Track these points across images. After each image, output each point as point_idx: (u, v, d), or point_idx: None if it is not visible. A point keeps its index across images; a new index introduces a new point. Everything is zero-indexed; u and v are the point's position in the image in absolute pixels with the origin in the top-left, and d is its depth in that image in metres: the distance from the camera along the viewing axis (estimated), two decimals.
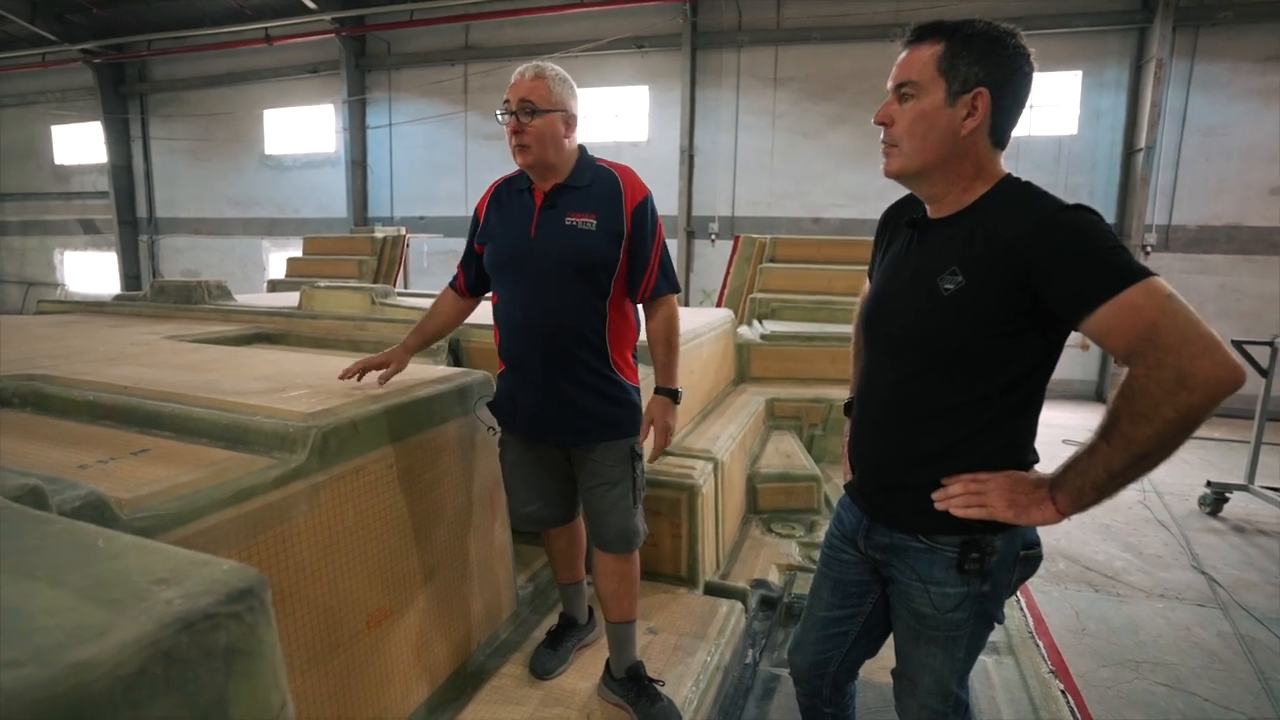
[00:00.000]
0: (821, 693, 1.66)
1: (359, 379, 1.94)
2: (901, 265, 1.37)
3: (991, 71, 1.20)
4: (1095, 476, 1.15)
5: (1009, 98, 1.23)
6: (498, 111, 1.82)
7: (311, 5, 11.03)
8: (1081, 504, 1.19)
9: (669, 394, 1.97)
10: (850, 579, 1.55)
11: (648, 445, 2.01)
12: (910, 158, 1.27)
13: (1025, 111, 1.28)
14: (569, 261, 1.79)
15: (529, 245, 1.82)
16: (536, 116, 1.75)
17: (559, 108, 1.78)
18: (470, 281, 2.04)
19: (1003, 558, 1.32)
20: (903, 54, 1.28)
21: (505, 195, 1.93)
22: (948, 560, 1.32)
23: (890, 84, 1.29)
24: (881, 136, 1.31)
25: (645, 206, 1.86)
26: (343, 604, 1.61)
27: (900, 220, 1.44)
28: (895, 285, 1.38)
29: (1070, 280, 1.13)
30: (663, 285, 1.93)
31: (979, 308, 1.22)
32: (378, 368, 1.95)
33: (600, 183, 1.85)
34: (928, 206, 1.35)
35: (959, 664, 1.41)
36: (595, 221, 1.80)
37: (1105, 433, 1.13)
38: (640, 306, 1.99)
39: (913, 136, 1.25)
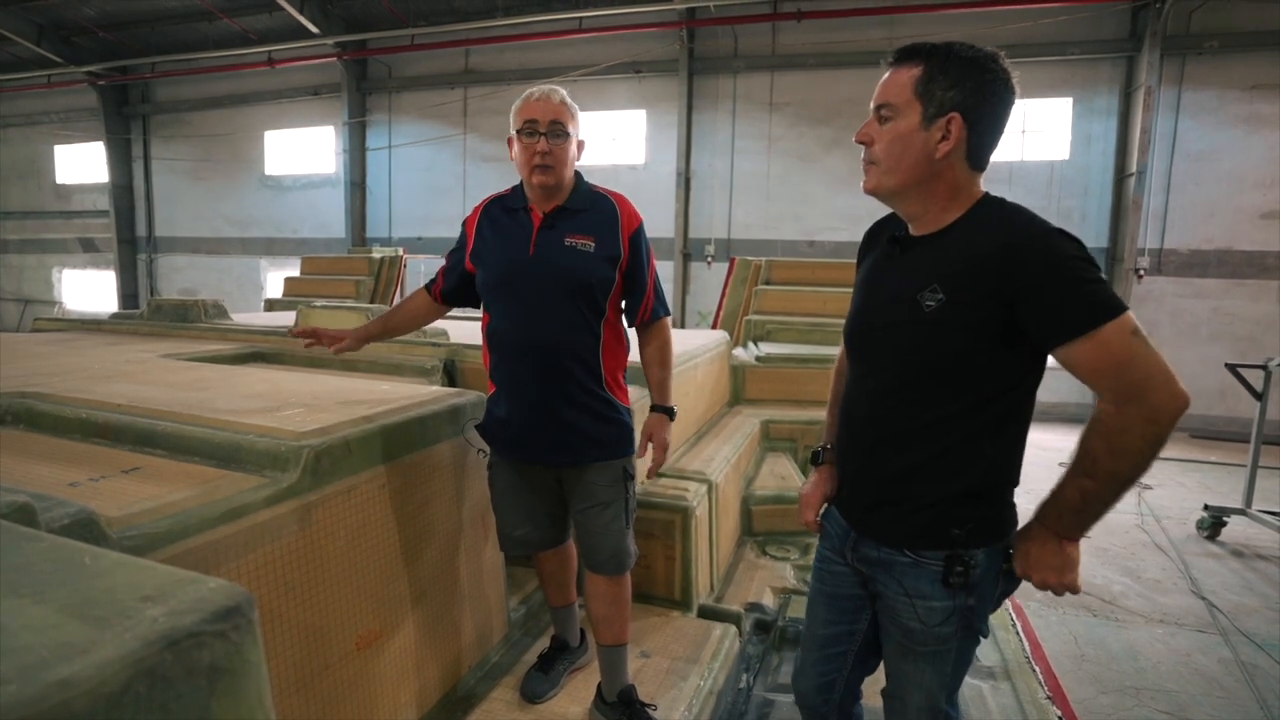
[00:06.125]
0: (828, 719, 1.64)
1: (308, 344, 2.04)
2: (883, 282, 1.40)
3: (967, 96, 1.22)
4: (1095, 511, 1.23)
5: (985, 122, 1.25)
6: (519, 130, 1.81)
7: (314, 29, 11.19)
8: (1087, 530, 1.27)
9: (666, 411, 2.01)
10: (844, 593, 1.55)
11: (644, 464, 2.01)
12: (886, 176, 1.30)
13: (1018, 136, 1.31)
14: (567, 281, 1.82)
15: (527, 263, 1.83)
16: (564, 139, 1.81)
17: (577, 132, 1.86)
18: (447, 290, 2.04)
19: (985, 570, 1.33)
20: (885, 75, 1.31)
21: (497, 213, 1.93)
22: (933, 574, 1.33)
23: (871, 104, 1.32)
24: (862, 155, 1.35)
25: (640, 233, 1.93)
26: (332, 625, 1.60)
27: (881, 237, 1.47)
28: (877, 301, 1.40)
29: (1049, 308, 1.17)
30: (659, 309, 2.00)
31: (959, 324, 1.24)
32: (332, 339, 2.03)
33: (597, 207, 1.90)
34: (909, 224, 1.37)
35: (948, 680, 1.42)
36: (593, 244, 1.84)
37: (1089, 469, 1.20)
38: (631, 329, 2.02)
39: (889, 156, 1.29)
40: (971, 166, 1.28)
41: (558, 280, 1.81)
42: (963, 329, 1.24)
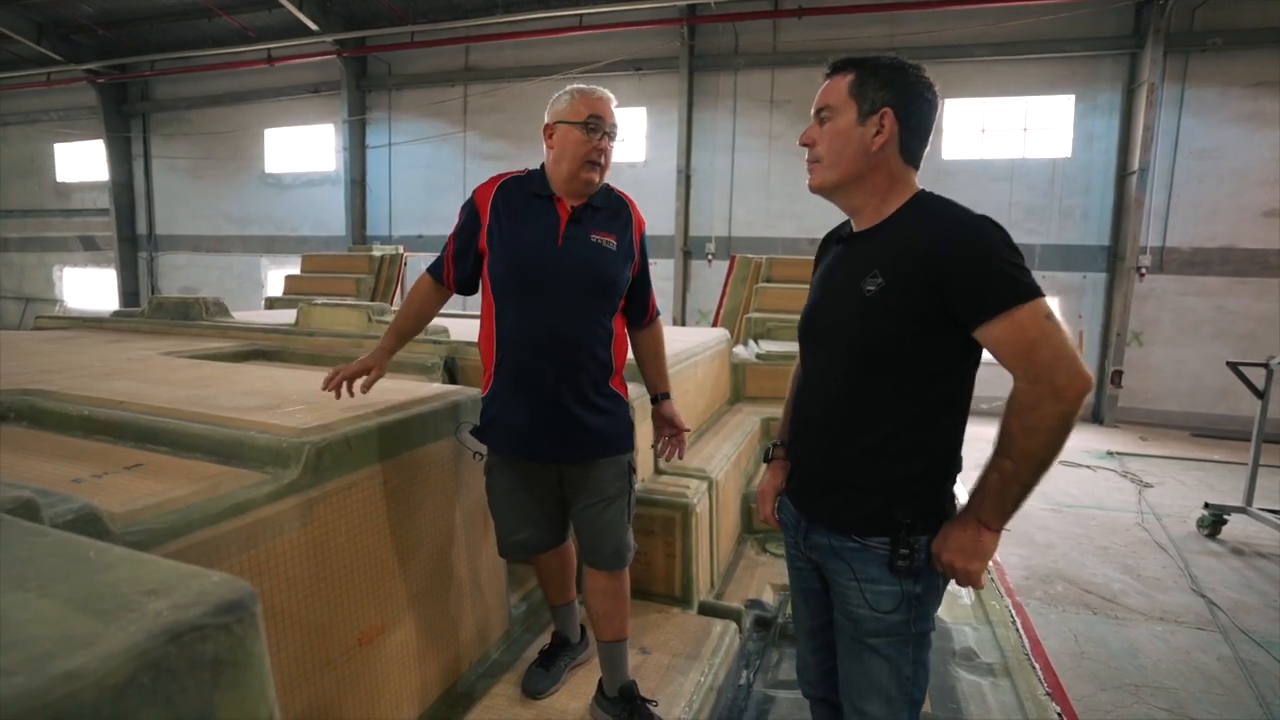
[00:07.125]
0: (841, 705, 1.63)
1: (342, 392, 1.86)
2: (833, 278, 1.48)
3: (896, 95, 1.35)
4: (1014, 494, 1.28)
5: (914, 119, 1.37)
6: (580, 122, 1.78)
7: (313, 27, 11.18)
8: (1007, 520, 1.32)
9: (668, 396, 2.13)
10: (810, 588, 1.60)
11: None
12: (829, 171, 1.41)
13: (1020, 134, 1.35)
14: (593, 277, 1.82)
15: (555, 255, 1.81)
16: (615, 142, 1.86)
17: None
18: (462, 277, 1.96)
19: (928, 558, 1.38)
20: (823, 85, 1.43)
21: (516, 195, 1.88)
22: (880, 558, 1.38)
23: (812, 110, 1.44)
24: (806, 156, 1.45)
25: (645, 235, 1.99)
26: (334, 621, 1.61)
27: (832, 241, 1.57)
28: (827, 294, 1.49)
29: (973, 290, 1.26)
30: (656, 310, 2.10)
31: (897, 307, 1.32)
32: (357, 375, 1.88)
33: (616, 207, 1.93)
34: (852, 222, 1.48)
35: (906, 685, 1.41)
36: (615, 242, 1.87)
37: (1008, 449, 1.27)
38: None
39: (831, 152, 1.40)
40: (905, 160, 1.39)
41: (584, 276, 1.81)
42: (901, 312, 1.32)
